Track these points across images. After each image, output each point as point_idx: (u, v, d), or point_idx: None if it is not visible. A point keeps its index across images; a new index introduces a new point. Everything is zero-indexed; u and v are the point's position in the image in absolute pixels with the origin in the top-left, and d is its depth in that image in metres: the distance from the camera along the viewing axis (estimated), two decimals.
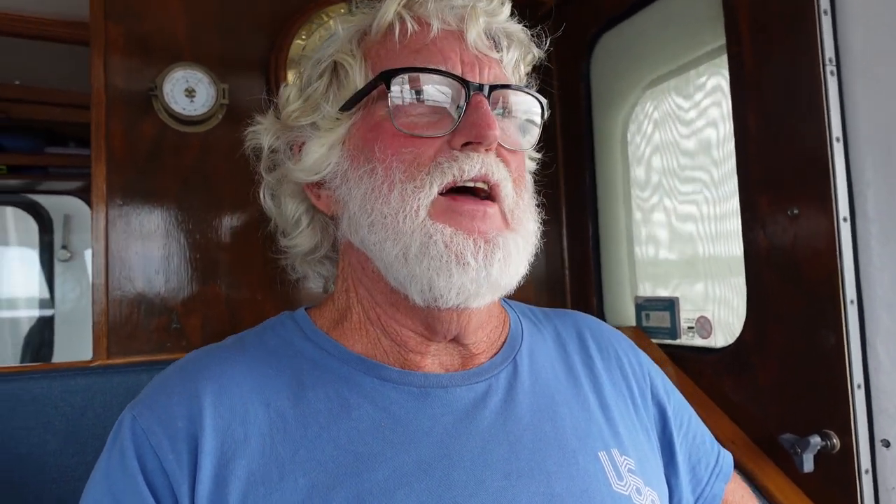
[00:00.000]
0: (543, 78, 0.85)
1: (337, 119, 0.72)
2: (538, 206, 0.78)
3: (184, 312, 1.68)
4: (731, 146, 1.60)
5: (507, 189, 0.69)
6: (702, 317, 1.58)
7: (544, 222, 0.75)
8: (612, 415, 0.78)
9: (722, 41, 1.47)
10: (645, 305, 1.74)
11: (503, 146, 0.71)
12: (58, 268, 3.37)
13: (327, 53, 0.75)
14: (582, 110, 1.91)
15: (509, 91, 0.73)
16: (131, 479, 0.63)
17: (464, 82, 0.68)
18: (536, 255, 0.72)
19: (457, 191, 0.68)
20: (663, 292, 1.78)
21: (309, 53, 0.79)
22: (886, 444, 1.15)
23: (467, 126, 0.66)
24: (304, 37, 1.73)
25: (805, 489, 1.23)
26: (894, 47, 1.12)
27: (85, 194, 3.23)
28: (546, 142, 0.84)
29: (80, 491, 1.45)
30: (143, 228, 1.66)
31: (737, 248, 1.57)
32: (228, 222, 1.73)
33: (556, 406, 0.75)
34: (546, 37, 0.81)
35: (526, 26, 0.79)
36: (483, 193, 0.69)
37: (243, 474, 0.63)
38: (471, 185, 0.67)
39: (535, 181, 0.83)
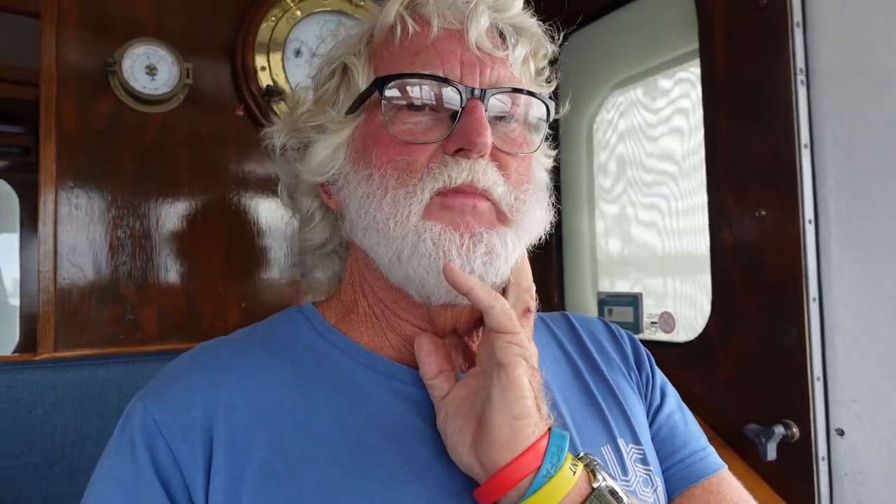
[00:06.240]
0: None
1: (342, 122, 0.73)
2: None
3: (138, 303, 1.60)
4: (691, 145, 1.67)
5: (497, 192, 0.69)
6: (665, 312, 1.64)
7: None
8: (619, 401, 0.81)
9: (693, 46, 1.52)
10: (608, 301, 1.78)
11: (501, 150, 0.70)
12: None
13: (337, 54, 0.76)
14: None
15: (511, 93, 0.72)
16: (142, 471, 0.62)
17: (458, 87, 0.68)
18: None
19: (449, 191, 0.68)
20: (624, 287, 1.83)
21: (323, 51, 0.79)
22: (841, 432, 1.23)
23: (460, 132, 0.67)
24: (272, 19, 1.67)
25: (765, 477, 1.30)
26: (862, 60, 1.19)
27: (10, 174, 3.01)
28: None
29: (24, 497, 1.36)
30: (94, 213, 1.55)
31: (697, 246, 1.64)
32: (188, 208, 1.65)
33: (556, 405, 0.77)
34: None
35: None
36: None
37: (256, 468, 0.62)
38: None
39: None
